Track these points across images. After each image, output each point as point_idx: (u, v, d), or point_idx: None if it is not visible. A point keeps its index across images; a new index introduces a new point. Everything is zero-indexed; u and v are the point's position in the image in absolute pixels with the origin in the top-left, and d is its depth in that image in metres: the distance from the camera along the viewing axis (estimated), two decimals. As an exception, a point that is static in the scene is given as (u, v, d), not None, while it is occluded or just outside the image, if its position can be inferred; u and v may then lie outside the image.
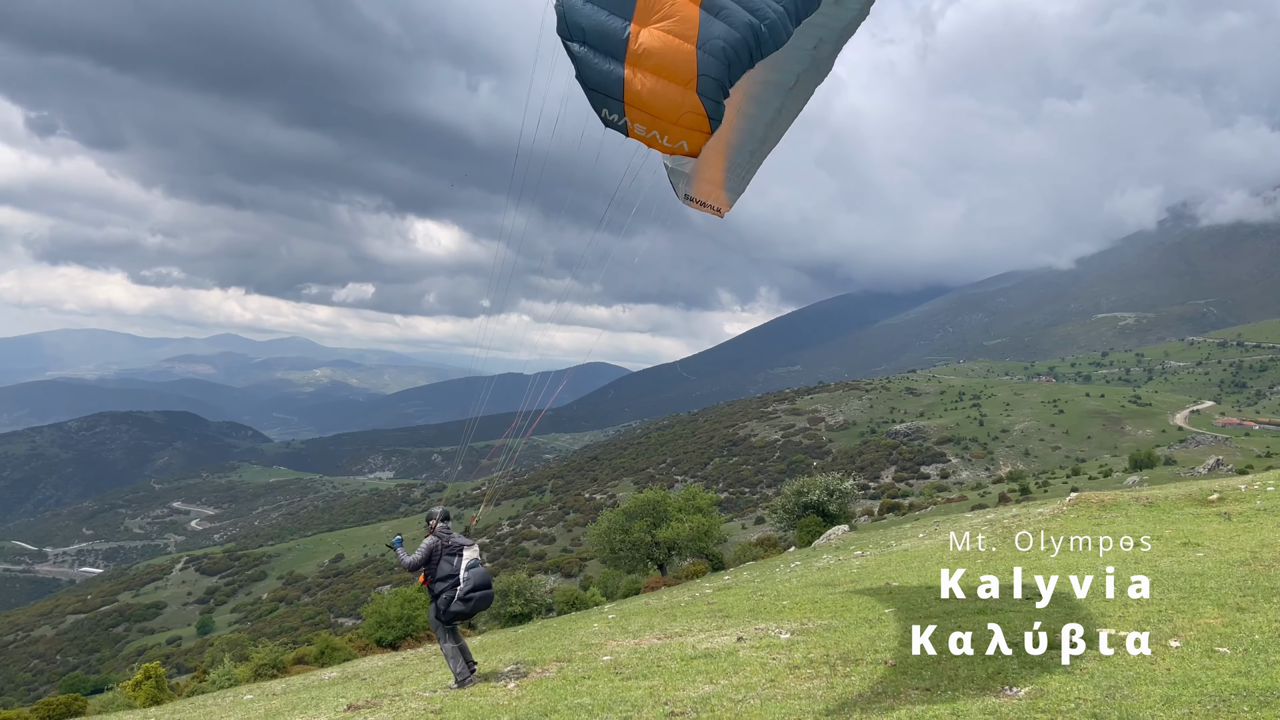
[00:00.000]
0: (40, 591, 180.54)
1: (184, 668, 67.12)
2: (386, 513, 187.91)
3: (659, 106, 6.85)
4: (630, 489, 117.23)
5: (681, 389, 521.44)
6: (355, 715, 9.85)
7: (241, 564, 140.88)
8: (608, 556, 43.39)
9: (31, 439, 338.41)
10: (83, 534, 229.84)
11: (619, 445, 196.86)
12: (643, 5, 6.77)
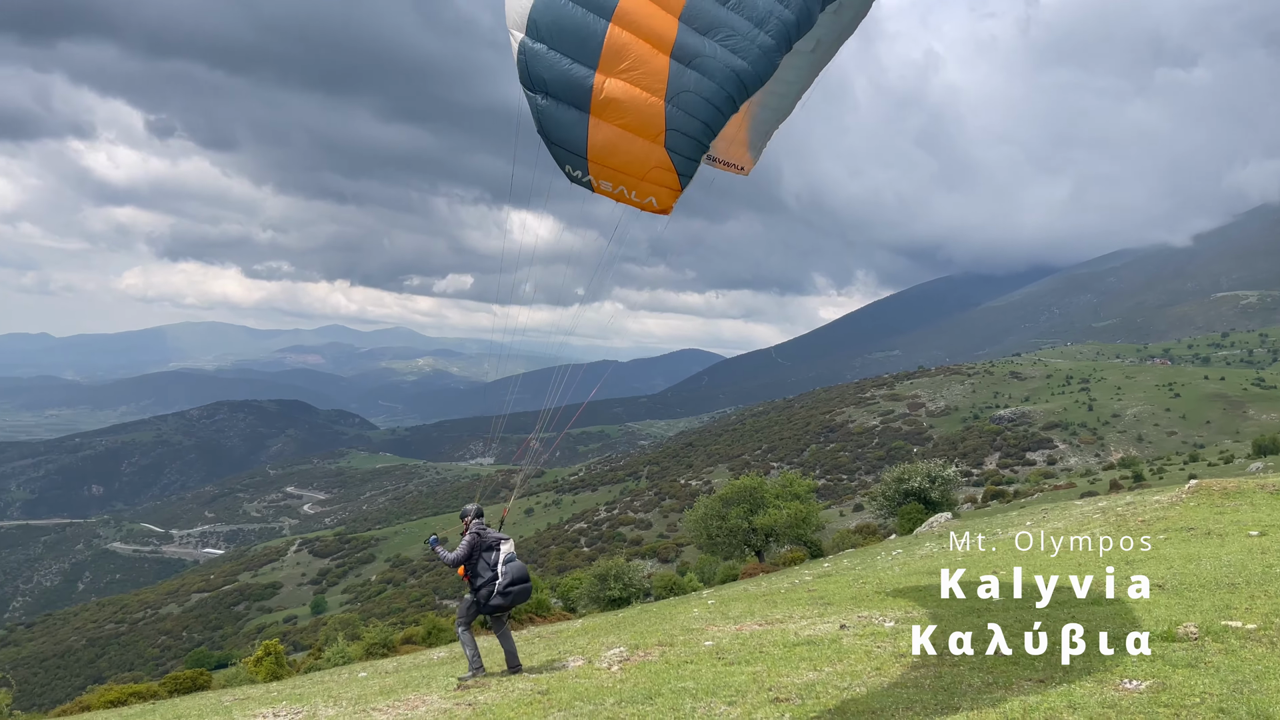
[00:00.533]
0: (167, 571, 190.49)
1: (300, 645, 70.00)
2: (488, 498, 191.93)
3: (623, 161, 6.48)
4: (725, 475, 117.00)
5: (776, 375, 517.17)
6: (465, 694, 10.14)
7: (351, 547, 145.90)
8: (704, 543, 43.44)
9: (157, 427, 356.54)
10: (205, 517, 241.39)
11: (713, 432, 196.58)
12: (609, 54, 6.31)
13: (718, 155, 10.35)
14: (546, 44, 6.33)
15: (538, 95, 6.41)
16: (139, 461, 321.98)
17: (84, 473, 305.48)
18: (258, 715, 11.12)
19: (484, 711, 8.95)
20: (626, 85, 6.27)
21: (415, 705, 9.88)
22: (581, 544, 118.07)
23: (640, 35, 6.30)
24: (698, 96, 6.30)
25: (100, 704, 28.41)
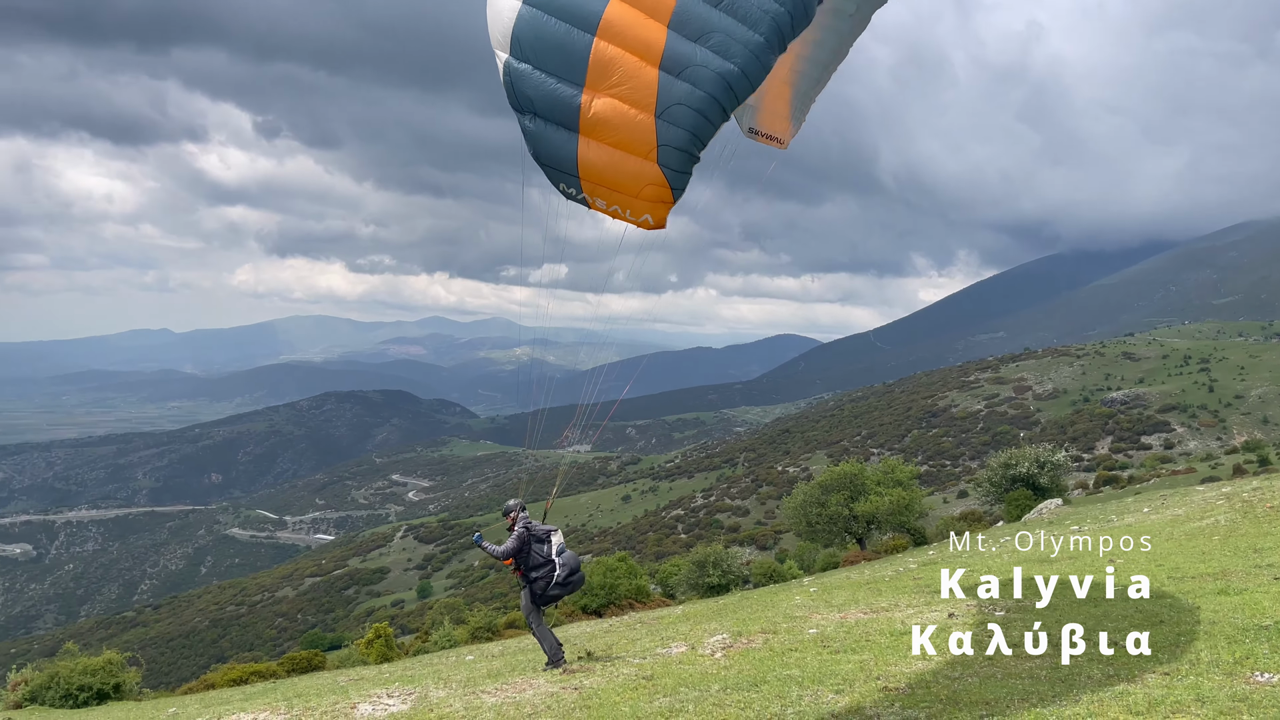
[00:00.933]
0: (282, 556, 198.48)
1: (407, 628, 72.05)
2: (585, 484, 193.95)
3: (616, 179, 6.30)
4: (824, 462, 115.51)
5: (875, 359, 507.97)
6: (571, 677, 10.28)
7: (455, 533, 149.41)
8: (803, 530, 43.01)
9: (270, 418, 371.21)
10: (315, 504, 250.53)
11: (811, 418, 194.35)
12: (595, 70, 6.06)
13: (759, 128, 10.17)
14: (531, 63, 6.15)
15: (525, 116, 6.26)
16: (254, 451, 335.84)
17: (204, 462, 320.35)
18: (372, 696, 11.49)
19: (590, 696, 9.06)
20: (615, 102, 6.07)
21: (523, 688, 10.06)
22: (679, 530, 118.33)
23: (627, 48, 6.05)
24: (687, 108, 6.07)
25: (224, 682, 29.80)
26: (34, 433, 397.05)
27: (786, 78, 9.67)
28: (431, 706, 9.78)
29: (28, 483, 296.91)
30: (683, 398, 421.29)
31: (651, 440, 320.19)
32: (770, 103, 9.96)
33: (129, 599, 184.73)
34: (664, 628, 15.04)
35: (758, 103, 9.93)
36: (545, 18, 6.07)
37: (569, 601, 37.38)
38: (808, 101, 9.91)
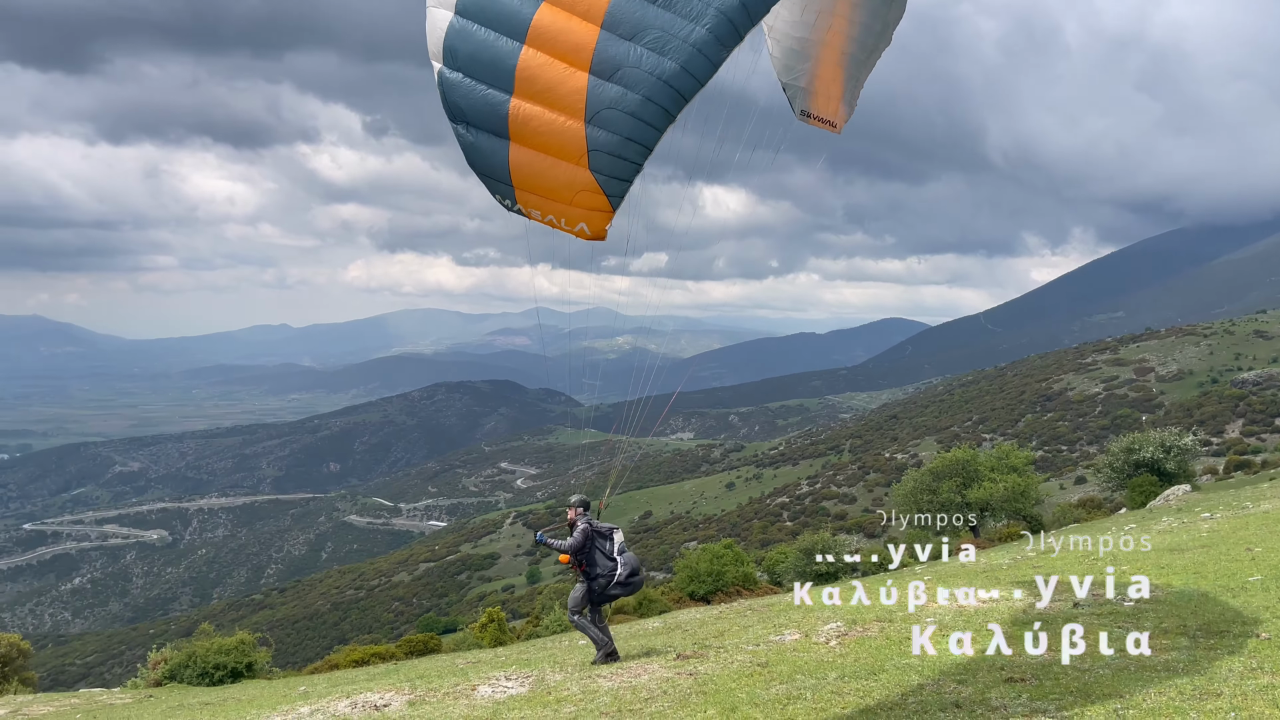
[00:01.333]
0: (397, 542, 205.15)
1: (518, 613, 73.61)
2: (689, 472, 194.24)
3: (547, 187, 6.16)
4: (933, 448, 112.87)
5: (985, 342, 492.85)
6: (685, 664, 10.34)
7: (562, 519, 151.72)
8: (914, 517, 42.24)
9: (384, 408, 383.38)
10: (428, 491, 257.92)
11: (919, 403, 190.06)
12: (523, 76, 5.93)
13: (811, 111, 9.99)
14: (463, 72, 6.07)
15: (459, 126, 6.18)
16: (369, 440, 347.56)
17: (322, 451, 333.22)
18: (491, 678, 11.78)
19: (705, 682, 9.10)
20: (542, 109, 5.94)
21: (638, 673, 10.16)
22: (784, 518, 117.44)
23: (556, 53, 5.89)
24: (620, 112, 5.83)
25: (347, 663, 31.00)
26: (168, 425, 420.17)
27: (838, 60, 9.49)
28: (549, 689, 9.97)
29: (163, 472, 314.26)
30: (786, 384, 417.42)
31: (754, 427, 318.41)
32: (823, 85, 9.76)
33: (257, 582, 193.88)
34: (775, 615, 14.98)
35: (810, 85, 9.78)
36: (475, 27, 6.01)
37: (675, 588, 37.58)
38: (858, 85, 9.71)
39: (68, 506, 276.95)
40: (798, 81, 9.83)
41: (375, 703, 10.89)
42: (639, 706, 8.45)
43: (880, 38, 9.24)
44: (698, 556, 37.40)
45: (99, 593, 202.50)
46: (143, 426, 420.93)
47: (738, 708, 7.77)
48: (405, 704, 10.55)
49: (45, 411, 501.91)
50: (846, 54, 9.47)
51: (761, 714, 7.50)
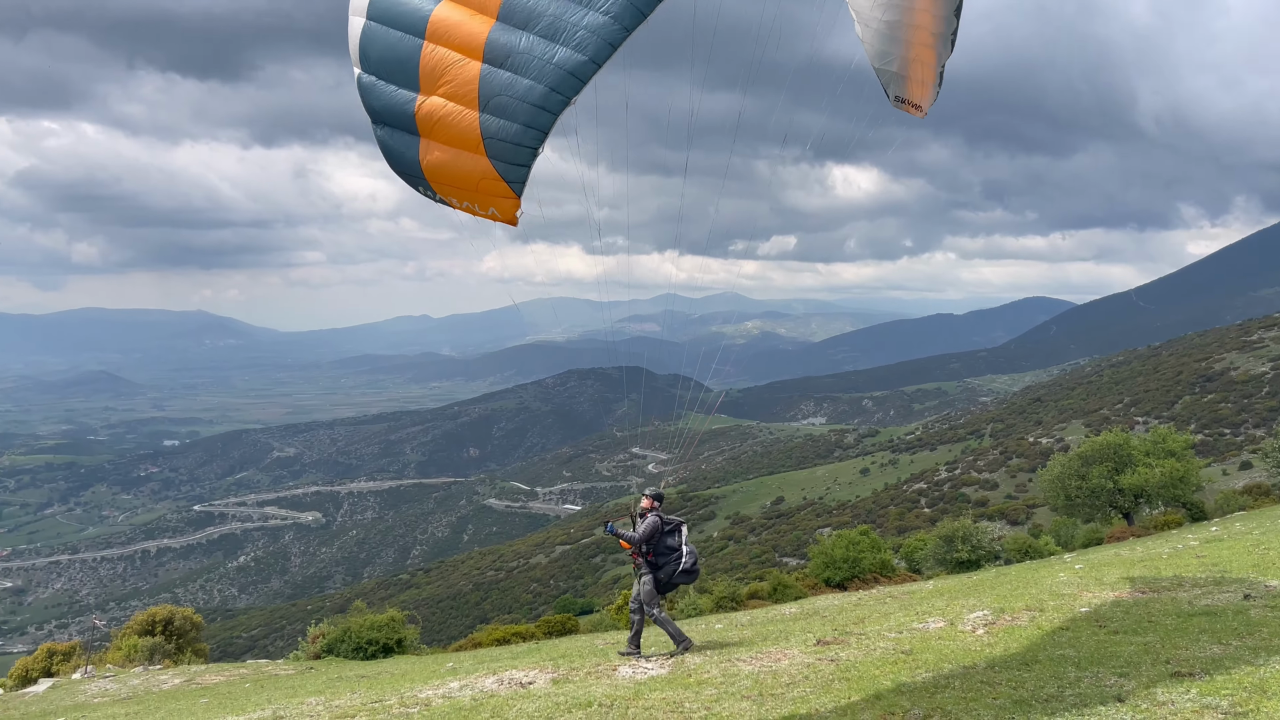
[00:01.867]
0: (534, 525, 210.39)
1: (652, 596, 74.33)
2: (821, 457, 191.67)
3: (455, 177, 6.33)
4: (1080, 432, 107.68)
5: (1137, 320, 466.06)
6: (826, 649, 10.23)
7: (693, 504, 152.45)
8: (1061, 504, 40.40)
9: (519, 395, 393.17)
10: (563, 476, 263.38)
11: (1065, 385, 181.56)
12: (425, 72, 6.08)
13: (907, 97, 9.91)
14: (376, 75, 6.26)
15: (378, 127, 6.36)
16: (506, 426, 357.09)
17: (462, 437, 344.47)
18: (632, 660, 11.96)
19: (848, 668, 8.98)
20: (443, 101, 6.08)
21: (777, 658, 10.13)
22: (921, 504, 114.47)
23: (453, 45, 6.02)
24: (511, 98, 5.91)
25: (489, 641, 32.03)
26: (320, 413, 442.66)
27: (928, 41, 9.42)
28: (689, 672, 10.05)
29: (316, 457, 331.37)
30: (922, 367, 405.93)
31: (889, 412, 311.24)
32: (917, 70, 9.72)
33: (403, 562, 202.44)
34: (917, 602, 14.64)
35: (903, 70, 9.73)
36: (383, 29, 6.17)
37: (810, 574, 37.22)
38: (943, 65, 9.67)
39: (232, 490, 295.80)
40: (890, 66, 9.75)
41: (521, 680, 11.21)
42: (780, 691, 8.41)
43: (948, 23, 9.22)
44: (833, 543, 36.87)
45: (261, 570, 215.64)
46: (297, 414, 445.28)
47: (882, 695, 7.64)
48: (549, 682, 10.82)
49: (210, 400, 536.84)
50: (936, 34, 9.42)
51: (908, 701, 7.35)
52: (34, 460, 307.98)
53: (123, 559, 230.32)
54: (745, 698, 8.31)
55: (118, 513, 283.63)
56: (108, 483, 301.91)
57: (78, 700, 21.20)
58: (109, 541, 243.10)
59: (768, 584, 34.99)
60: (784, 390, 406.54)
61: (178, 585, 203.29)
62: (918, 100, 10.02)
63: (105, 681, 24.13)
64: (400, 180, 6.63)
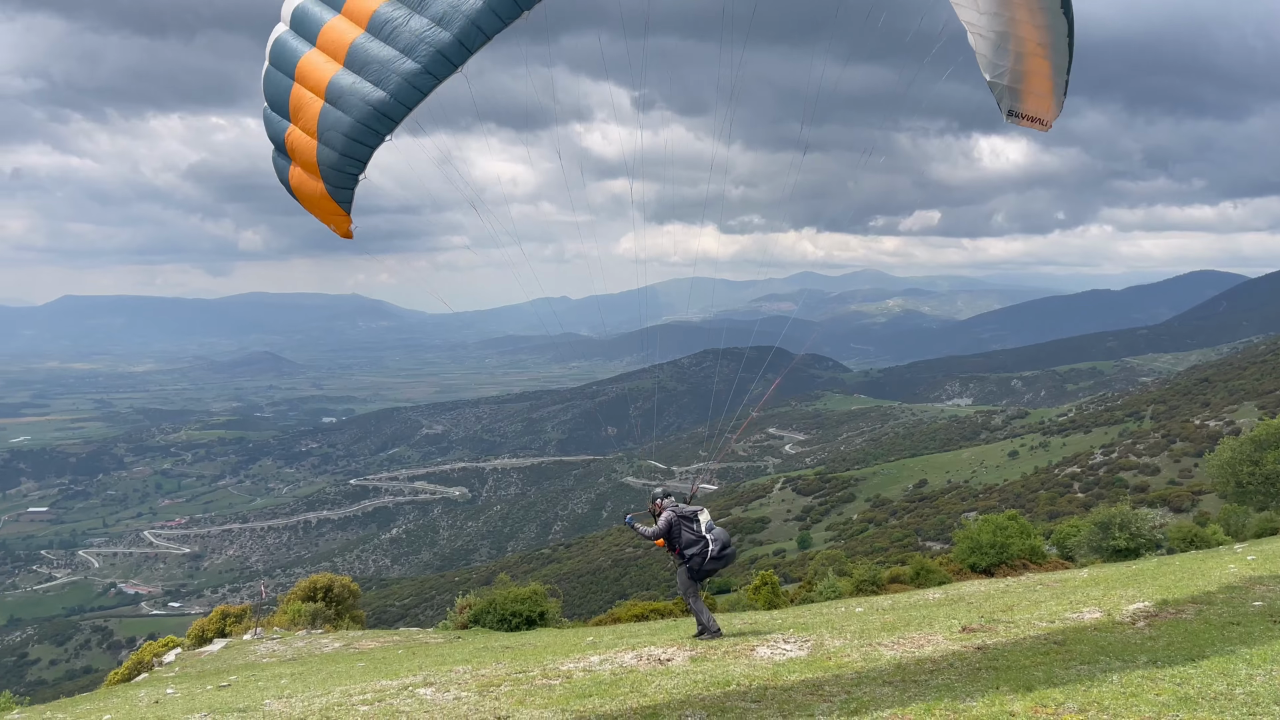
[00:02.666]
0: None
1: (789, 577, 73.90)
2: (967, 439, 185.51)
3: (306, 195, 7.41)
4: (1254, 414, 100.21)
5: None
6: (972, 637, 9.93)
7: (831, 486, 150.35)
8: (1231, 491, 37.88)
9: (655, 375, 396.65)
10: (698, 455, 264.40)
11: (1236, 365, 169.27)
12: (292, 107, 7.22)
13: (1022, 111, 9.77)
14: (269, 106, 7.52)
15: (275, 152, 7.57)
16: (642, 405, 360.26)
17: (600, 416, 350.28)
18: (769, 640, 11.93)
19: (995, 657, 8.69)
20: (300, 132, 7.22)
21: (920, 644, 9.90)
22: (1074, 489, 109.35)
23: (308, 85, 7.15)
24: (336, 132, 6.98)
25: (628, 617, 32.57)
26: (465, 391, 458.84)
27: (1039, 52, 9.17)
28: (829, 654, 9.94)
29: (462, 434, 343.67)
30: (1076, 346, 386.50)
31: (1040, 392, 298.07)
32: (1032, 84, 9.51)
33: (545, 538, 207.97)
34: (1070, 591, 14.01)
35: (1016, 84, 9.57)
36: (274, 71, 7.44)
37: (955, 559, 36.17)
38: (1065, 74, 9.38)
39: (385, 465, 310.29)
40: (1002, 79, 9.56)
41: (659, 656, 11.35)
42: (924, 678, 8.22)
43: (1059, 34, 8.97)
44: (979, 527, 35.73)
45: (412, 542, 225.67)
46: (445, 393, 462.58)
47: (1034, 686, 7.36)
48: (687, 659, 10.91)
49: (365, 380, 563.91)
50: (1045, 44, 9.09)
51: (1061, 695, 7.05)
52: (208, 435, 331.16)
53: (287, 528, 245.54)
54: (887, 683, 8.16)
55: (282, 485, 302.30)
56: (273, 457, 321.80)
57: (249, 659, 22.75)
58: (274, 512, 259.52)
59: (910, 568, 34.25)
60: (927, 370, 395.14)
61: (336, 555, 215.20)
62: (1036, 114, 9.80)
63: (273, 643, 25.79)
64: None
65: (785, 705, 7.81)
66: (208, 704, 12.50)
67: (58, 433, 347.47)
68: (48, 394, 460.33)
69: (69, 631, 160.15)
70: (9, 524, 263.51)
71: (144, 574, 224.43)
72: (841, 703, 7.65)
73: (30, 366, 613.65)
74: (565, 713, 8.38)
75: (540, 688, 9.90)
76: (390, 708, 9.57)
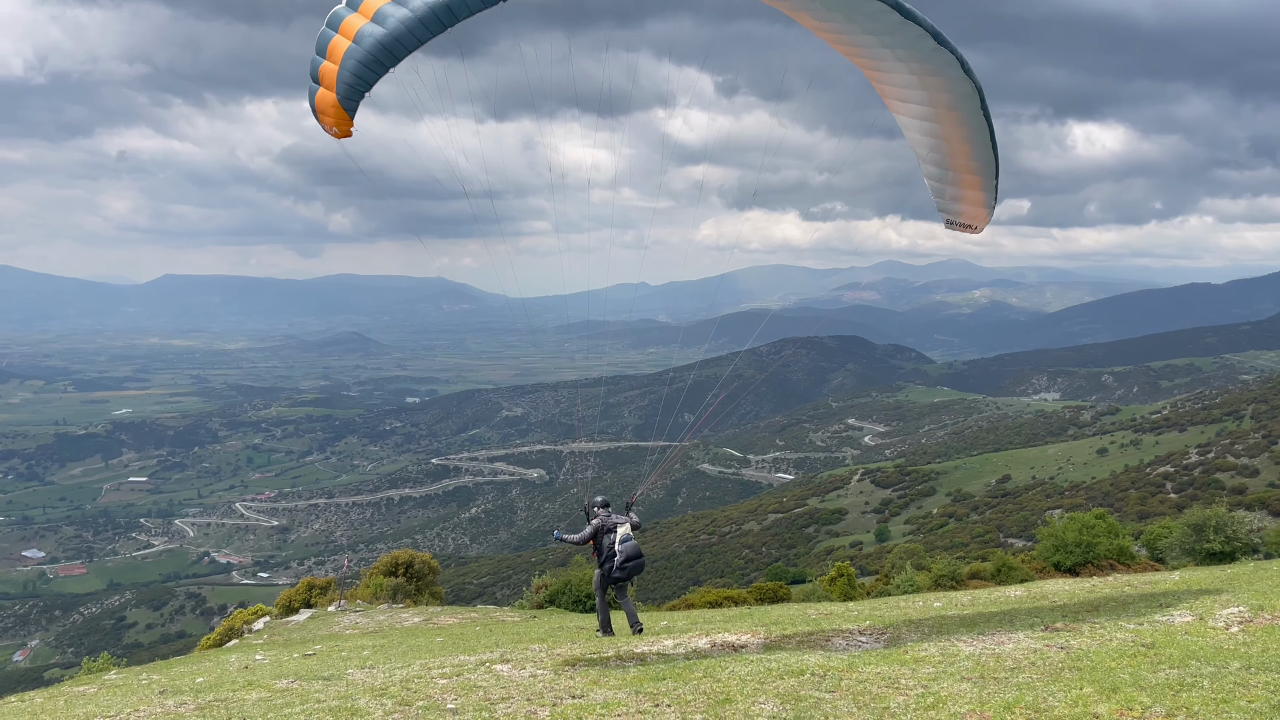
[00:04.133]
0: (746, 492, 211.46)
1: (865, 569, 73.10)
2: (1054, 435, 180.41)
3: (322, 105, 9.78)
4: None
5: None
6: (1055, 636, 9.70)
7: (912, 479, 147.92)
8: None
9: (733, 362, 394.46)
10: (776, 444, 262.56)
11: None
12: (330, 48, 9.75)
13: (959, 220, 11.74)
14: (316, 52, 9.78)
15: (311, 83, 9.87)
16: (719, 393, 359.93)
17: (677, 402, 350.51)
18: (844, 631, 11.84)
19: (1079, 657, 8.48)
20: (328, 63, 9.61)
21: (1001, 641, 9.71)
22: (1167, 489, 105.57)
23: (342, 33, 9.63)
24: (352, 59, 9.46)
25: (701, 603, 32.64)
26: (544, 374, 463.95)
27: (974, 182, 11.15)
28: (906, 648, 9.83)
29: (541, 417, 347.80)
30: (1172, 341, 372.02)
31: (1132, 389, 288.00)
32: (967, 198, 11.42)
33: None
34: (1159, 594, 13.56)
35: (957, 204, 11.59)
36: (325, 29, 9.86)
37: (1038, 557, 35.28)
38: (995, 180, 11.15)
39: (465, 445, 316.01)
40: (942, 198, 11.71)
41: (733, 643, 11.37)
42: (1004, 676, 8.07)
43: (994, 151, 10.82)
44: (1064, 525, 34.78)
45: (490, 522, 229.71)
46: (524, 376, 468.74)
47: (1120, 689, 7.16)
48: (760, 647, 10.91)
49: (447, 361, 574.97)
50: (975, 169, 11.00)
51: (1149, 698, 6.85)
52: (296, 412, 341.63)
53: (370, 505, 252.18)
54: (965, 679, 8.04)
55: (366, 462, 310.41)
56: (358, 435, 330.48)
57: (332, 630, 23.49)
58: (359, 488, 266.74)
59: (991, 564, 33.53)
60: (1013, 363, 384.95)
61: (417, 531, 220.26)
62: (969, 220, 11.70)
63: (356, 615, 26.57)
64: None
65: (860, 696, 7.76)
66: (294, 671, 12.96)
67: (157, 406, 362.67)
68: (148, 369, 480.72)
69: (165, 597, 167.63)
70: (111, 492, 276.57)
71: (235, 544, 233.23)
72: (918, 697, 7.57)
73: (133, 342, 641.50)
74: (639, 694, 8.46)
75: (615, 668, 10.01)
76: (468, 682, 9.79)
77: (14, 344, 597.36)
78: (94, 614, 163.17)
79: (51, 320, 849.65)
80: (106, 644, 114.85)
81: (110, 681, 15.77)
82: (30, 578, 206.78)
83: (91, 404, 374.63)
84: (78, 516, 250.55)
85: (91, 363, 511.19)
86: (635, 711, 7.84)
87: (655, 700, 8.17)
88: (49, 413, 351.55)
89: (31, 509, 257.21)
